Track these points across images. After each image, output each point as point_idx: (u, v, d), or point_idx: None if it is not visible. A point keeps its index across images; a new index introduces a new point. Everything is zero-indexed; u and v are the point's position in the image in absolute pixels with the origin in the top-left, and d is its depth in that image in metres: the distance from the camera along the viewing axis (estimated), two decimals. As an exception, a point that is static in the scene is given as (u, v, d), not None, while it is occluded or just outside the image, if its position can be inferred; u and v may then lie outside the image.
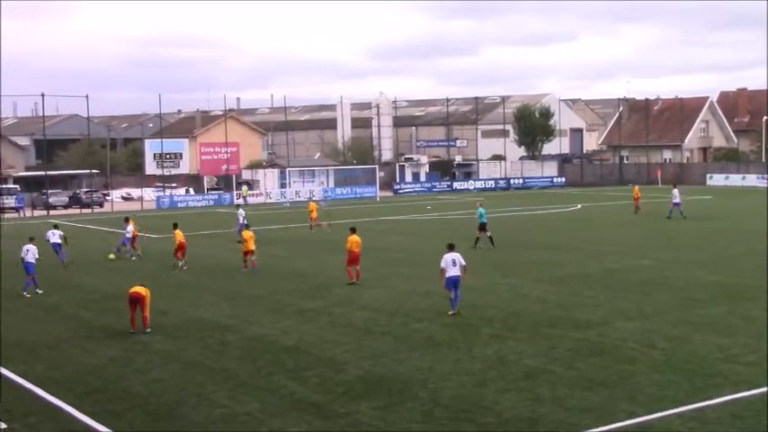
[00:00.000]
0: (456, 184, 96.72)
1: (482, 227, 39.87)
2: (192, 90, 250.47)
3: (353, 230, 30.69)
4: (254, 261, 34.23)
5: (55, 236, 36.97)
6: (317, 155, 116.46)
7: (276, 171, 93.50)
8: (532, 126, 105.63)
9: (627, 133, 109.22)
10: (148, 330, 22.31)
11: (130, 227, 39.49)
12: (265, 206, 77.06)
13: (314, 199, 76.18)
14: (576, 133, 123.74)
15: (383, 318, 23.60)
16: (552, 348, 19.46)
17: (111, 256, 38.98)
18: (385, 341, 20.80)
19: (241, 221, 45.58)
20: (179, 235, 35.81)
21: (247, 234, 34.80)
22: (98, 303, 27.44)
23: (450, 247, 24.23)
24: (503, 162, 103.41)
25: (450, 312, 23.58)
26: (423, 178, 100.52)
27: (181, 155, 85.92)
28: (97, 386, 17.46)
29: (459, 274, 23.60)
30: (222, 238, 46.98)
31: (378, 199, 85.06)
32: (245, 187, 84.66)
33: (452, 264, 23.56)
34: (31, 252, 29.76)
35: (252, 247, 34.30)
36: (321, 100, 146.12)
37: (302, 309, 25.34)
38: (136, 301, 22.43)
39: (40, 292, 29.52)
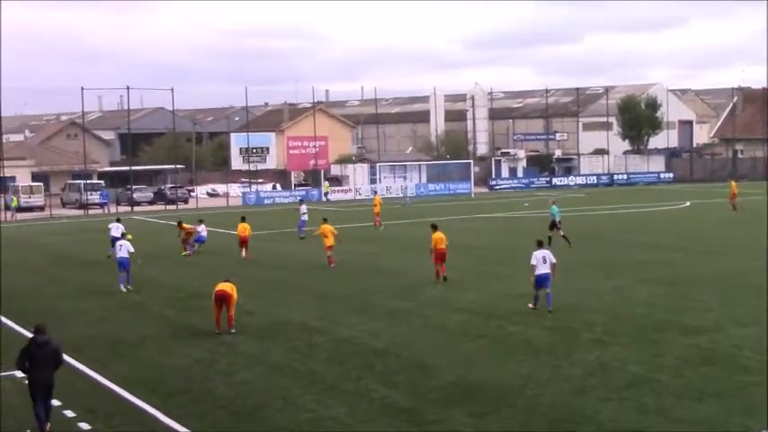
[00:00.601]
0: (555, 180, 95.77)
1: (553, 225, 39.71)
2: (280, 82, 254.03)
3: (435, 227, 30.72)
4: (330, 258, 34.56)
5: (117, 230, 38.54)
6: (409, 149, 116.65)
7: (366, 166, 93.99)
8: (638, 118, 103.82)
9: (741, 125, 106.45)
10: (233, 331, 22.59)
11: (202, 227, 41.20)
12: (355, 203, 77.43)
13: (397, 195, 76.31)
14: (686, 126, 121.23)
15: (478, 320, 23.47)
16: (658, 356, 19.05)
17: (186, 253, 40.39)
18: (480, 345, 20.67)
19: (304, 218, 46.44)
20: (241, 228, 38.39)
21: (327, 228, 35.14)
22: (183, 302, 27.96)
23: (540, 244, 25.05)
24: (605, 156, 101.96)
25: (529, 306, 24.31)
26: (520, 174, 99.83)
27: (267, 149, 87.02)
28: (181, 387, 17.75)
29: (549, 271, 24.18)
30: (308, 236, 47.36)
31: (472, 195, 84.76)
32: (326, 183, 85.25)
33: (543, 261, 24.18)
34: (124, 247, 30.57)
35: (332, 242, 34.62)
36: (413, 92, 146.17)
37: (392, 310, 25.38)
38: (222, 299, 22.64)
39: (131, 288, 30.27)
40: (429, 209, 65.43)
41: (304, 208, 48.12)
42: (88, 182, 80.00)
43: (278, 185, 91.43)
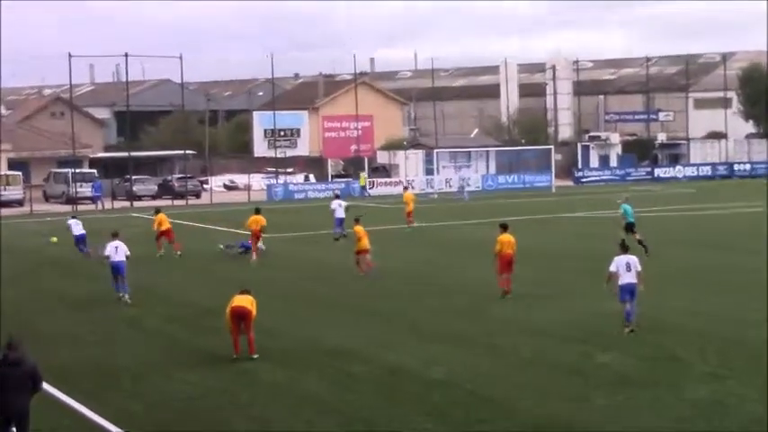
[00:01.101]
0: (658, 171, 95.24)
1: (629, 228, 39.60)
2: (314, 48, 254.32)
3: (505, 228, 30.80)
4: (369, 262, 34.79)
5: (78, 226, 41.55)
6: (474, 132, 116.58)
7: (420, 153, 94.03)
8: (765, 93, 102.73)
9: None
10: (255, 356, 22.73)
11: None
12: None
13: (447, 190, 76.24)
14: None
15: (558, 346, 23.44)
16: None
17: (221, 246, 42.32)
18: (561, 377, 20.64)
19: (339, 215, 46.99)
20: (253, 221, 40.44)
21: (360, 230, 35.41)
22: (192, 318, 28.23)
23: (624, 249, 25.17)
24: (722, 141, 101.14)
25: (626, 330, 24.13)
26: (613, 163, 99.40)
27: (298, 131, 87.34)
28: (189, 425, 17.95)
29: (634, 281, 24.31)
30: (350, 239, 47.45)
31: (553, 190, 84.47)
32: (363, 174, 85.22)
33: (626, 268, 24.36)
34: (120, 250, 31.13)
35: (366, 245, 34.85)
36: (480, 61, 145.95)
37: (451, 331, 25.41)
38: (240, 317, 22.63)
39: (128, 299, 30.79)
40: (496, 206, 65.24)
41: (338, 203, 48.35)
42: (77, 171, 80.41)
43: (311, 176, 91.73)
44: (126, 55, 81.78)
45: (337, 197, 53.58)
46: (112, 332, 26.84)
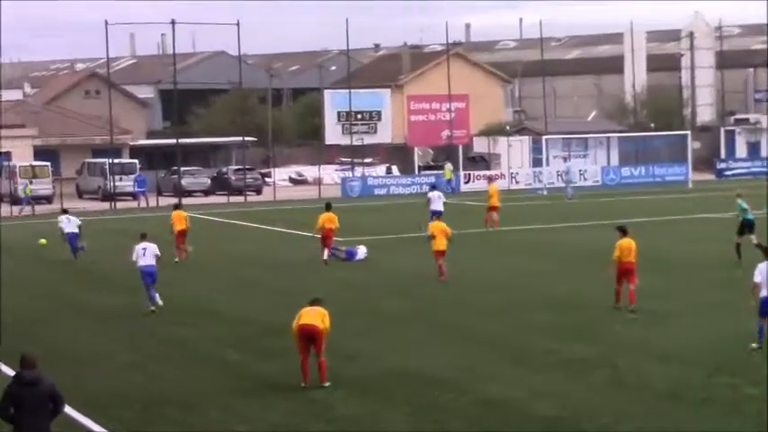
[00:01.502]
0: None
1: (746, 226, 39.79)
2: (395, 15, 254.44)
3: (624, 232, 30.94)
4: (442, 267, 35.15)
5: (71, 224, 43.60)
6: (592, 114, 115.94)
7: (526, 139, 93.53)
8: None
9: None
10: (327, 384, 22.79)
11: None
12: (510, 194, 76.93)
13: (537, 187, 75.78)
14: None
15: (696, 375, 23.23)
16: None
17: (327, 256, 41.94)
18: (702, 414, 20.47)
19: (436, 207, 47.62)
20: (326, 219, 41.05)
21: (437, 227, 35.37)
22: (251, 339, 28.35)
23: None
24: None
25: (752, 346, 24.55)
26: (765, 152, 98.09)
27: (379, 114, 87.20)
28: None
29: None
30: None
31: (690, 185, 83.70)
32: (448, 165, 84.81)
33: None
34: (149, 252, 32.12)
35: (442, 246, 34.87)
36: (599, 27, 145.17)
37: (565, 357, 25.29)
38: (309, 337, 22.57)
39: (155, 309, 31.63)
40: (615, 205, 64.78)
41: (437, 194, 48.45)
42: (116, 161, 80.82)
43: (394, 168, 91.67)
44: (173, 22, 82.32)
45: (434, 188, 53.64)
46: (154, 354, 27.06)
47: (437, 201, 48.81)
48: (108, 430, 20.05)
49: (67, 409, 20.65)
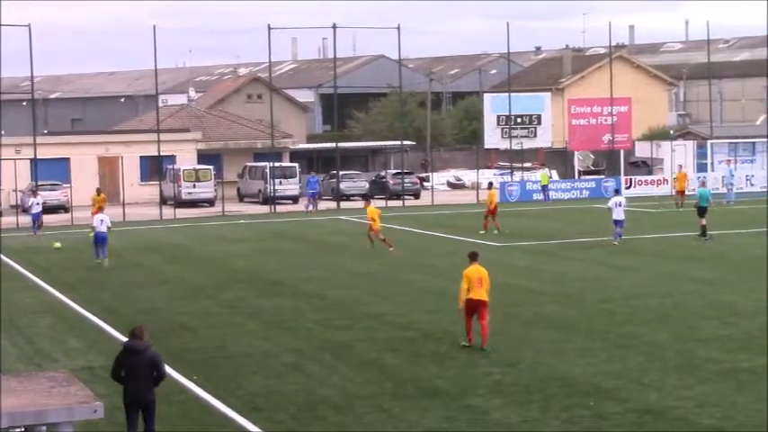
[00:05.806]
0: None
1: (702, 212, 38.69)
2: (556, 16, 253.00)
3: None
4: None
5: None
6: (761, 118, 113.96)
7: (691, 144, 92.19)
8: None
9: None
10: (486, 348, 25.04)
11: None
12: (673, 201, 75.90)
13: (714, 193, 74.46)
14: None
15: None
16: None
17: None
18: None
19: (617, 216, 47.47)
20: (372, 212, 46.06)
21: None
22: (411, 344, 28.41)
23: None
24: None
25: None
26: None
27: (539, 118, 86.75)
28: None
29: None
30: (603, 250, 47.11)
31: None
32: (544, 171, 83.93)
33: None
34: (104, 223, 38.52)
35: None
36: None
37: (731, 367, 24.94)
38: (476, 309, 26.10)
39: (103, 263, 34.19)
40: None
41: (617, 201, 48.42)
42: (276, 165, 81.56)
43: (554, 173, 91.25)
44: (334, 27, 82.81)
45: (617, 192, 53.14)
46: (315, 356, 27.27)
47: (617, 209, 47.94)
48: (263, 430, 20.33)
49: (224, 408, 21.34)
